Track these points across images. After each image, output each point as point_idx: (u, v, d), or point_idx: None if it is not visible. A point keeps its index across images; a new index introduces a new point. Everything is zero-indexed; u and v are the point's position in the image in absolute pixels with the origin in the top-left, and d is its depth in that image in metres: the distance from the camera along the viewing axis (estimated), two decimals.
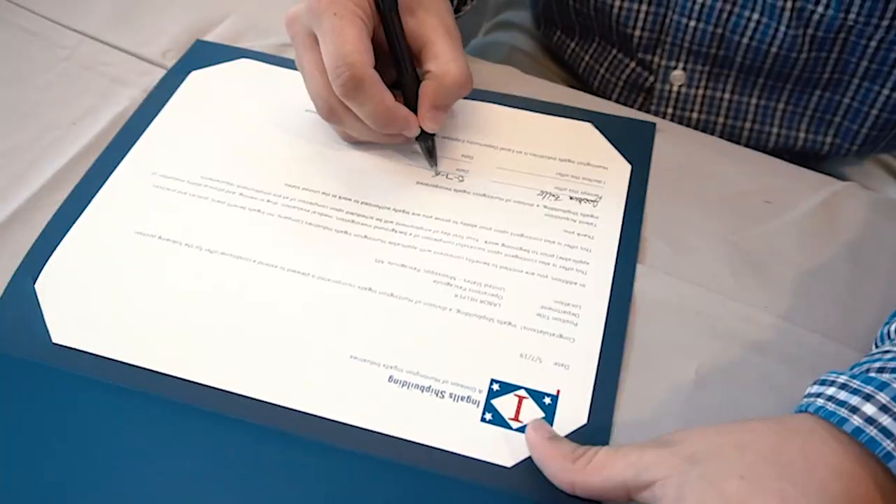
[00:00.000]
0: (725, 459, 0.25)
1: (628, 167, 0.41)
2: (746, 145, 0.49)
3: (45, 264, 0.36)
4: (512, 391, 0.32)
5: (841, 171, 0.58)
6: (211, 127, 0.43)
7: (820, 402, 0.26)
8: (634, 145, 0.42)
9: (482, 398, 0.32)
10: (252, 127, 0.43)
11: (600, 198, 0.39)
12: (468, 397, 0.32)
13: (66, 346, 0.33)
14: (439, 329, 0.34)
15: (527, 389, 0.32)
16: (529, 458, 0.30)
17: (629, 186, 0.40)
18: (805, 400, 0.27)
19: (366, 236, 0.38)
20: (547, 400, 0.32)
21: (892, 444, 0.24)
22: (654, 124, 0.43)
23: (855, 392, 0.26)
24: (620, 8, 0.52)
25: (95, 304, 0.35)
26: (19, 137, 0.43)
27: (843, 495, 0.24)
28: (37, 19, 0.50)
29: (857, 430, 0.25)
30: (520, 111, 0.44)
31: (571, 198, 0.39)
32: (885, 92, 0.48)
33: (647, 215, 0.38)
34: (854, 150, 0.53)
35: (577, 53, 0.60)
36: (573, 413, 0.32)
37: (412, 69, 0.39)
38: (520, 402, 0.32)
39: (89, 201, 0.39)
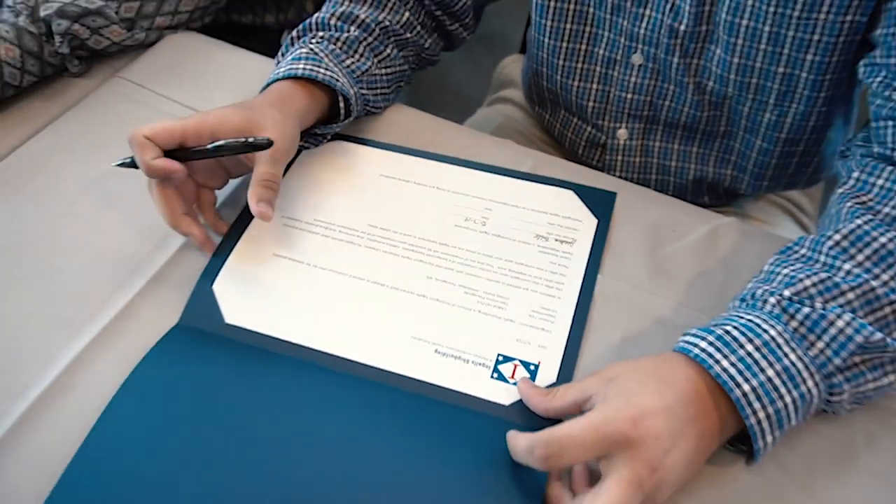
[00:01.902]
0: (628, 375, 0.45)
1: (595, 221, 0.60)
2: (673, 179, 0.74)
3: (218, 273, 0.57)
4: (510, 361, 0.52)
5: (745, 208, 0.79)
6: (317, 186, 0.64)
7: (680, 344, 0.46)
8: (601, 207, 0.61)
9: (492, 364, 0.52)
10: (343, 184, 0.64)
11: (575, 240, 0.59)
12: (483, 363, 0.52)
13: (232, 325, 0.54)
14: (467, 322, 0.54)
15: (520, 360, 0.52)
16: (520, 400, 0.49)
17: (595, 233, 0.59)
18: (676, 345, 0.47)
19: (420, 260, 0.58)
20: (532, 367, 0.52)
21: (712, 360, 0.43)
22: (615, 193, 0.63)
23: (697, 336, 0.45)
24: (578, 87, 0.73)
25: (249, 298, 0.56)
26: None
27: (690, 389, 0.43)
28: (157, 98, 0.72)
29: (696, 356, 0.44)
30: (525, 182, 0.64)
31: (556, 239, 0.59)
32: (759, 142, 0.69)
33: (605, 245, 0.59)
34: (749, 181, 0.73)
35: (552, 122, 0.82)
36: (547, 375, 0.51)
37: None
38: (515, 368, 0.52)
39: (243, 232, 0.60)
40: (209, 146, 0.55)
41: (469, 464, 0.46)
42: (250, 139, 0.55)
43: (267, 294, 0.56)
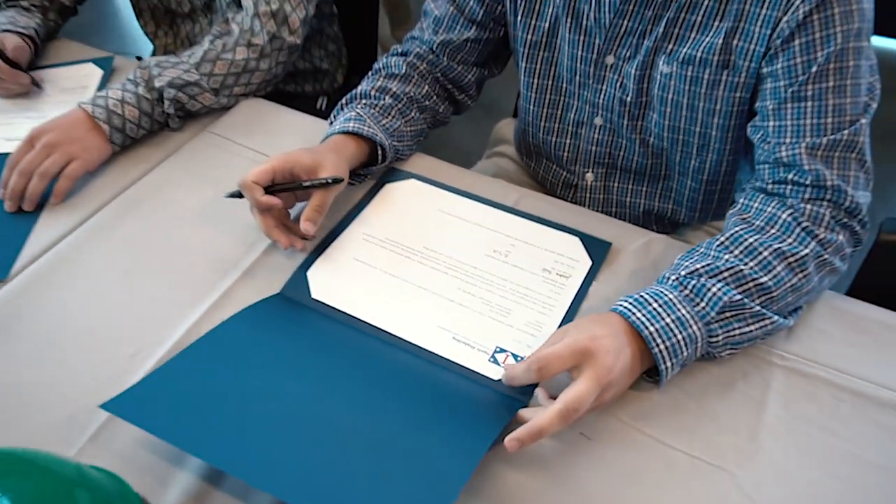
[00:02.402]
0: (583, 322, 0.67)
1: (590, 263, 0.80)
2: (628, 211, 0.98)
3: (311, 264, 0.79)
4: (504, 352, 0.72)
5: (686, 236, 1.01)
6: (390, 212, 0.86)
7: (613, 306, 0.67)
8: (597, 253, 0.81)
9: (491, 352, 0.72)
10: (409, 213, 0.85)
11: (571, 276, 0.79)
12: (485, 351, 0.72)
13: (316, 299, 0.76)
14: (479, 322, 0.74)
15: (511, 353, 0.72)
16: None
17: (588, 272, 0.79)
18: (611, 307, 0.68)
19: (456, 276, 0.78)
20: (519, 358, 0.71)
21: (629, 313, 0.65)
22: (610, 243, 0.82)
23: (624, 300, 0.67)
24: (555, 142, 0.98)
25: (330, 284, 0.77)
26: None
27: (621, 328, 0.65)
28: (235, 146, 0.96)
29: (620, 311, 0.66)
30: (544, 226, 0.84)
31: (557, 273, 0.79)
32: (689, 182, 0.92)
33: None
34: (685, 213, 0.97)
35: (536, 169, 1.05)
36: None
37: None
38: (506, 357, 0.72)
39: (334, 240, 0.82)
40: (303, 182, 0.79)
41: (467, 405, 0.67)
42: (329, 179, 0.78)
43: (342, 283, 0.78)
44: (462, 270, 0.80)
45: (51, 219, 0.86)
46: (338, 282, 0.78)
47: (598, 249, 0.82)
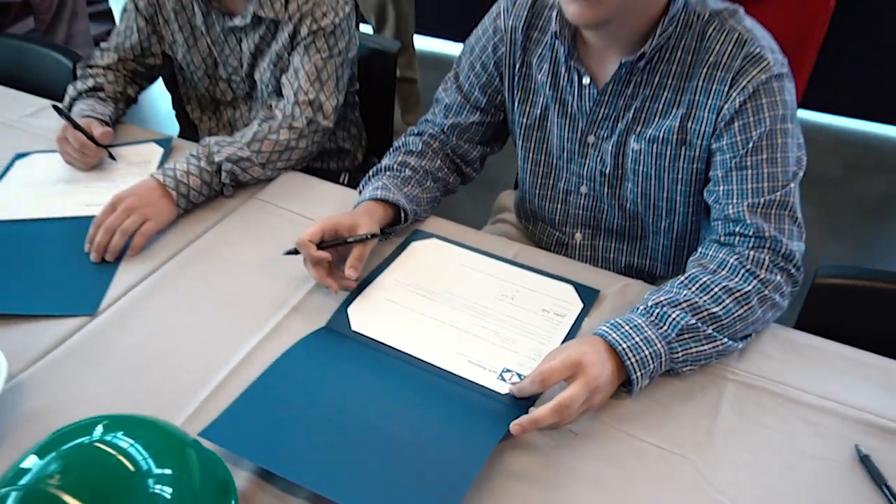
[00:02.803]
0: (570, 344, 0.83)
1: (581, 305, 0.97)
2: (612, 266, 1.14)
3: (351, 303, 0.96)
4: (510, 372, 0.88)
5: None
6: (417, 264, 1.03)
7: (597, 329, 0.84)
8: (588, 298, 0.98)
9: (499, 372, 0.88)
10: (433, 265, 1.03)
11: (565, 315, 0.95)
12: (494, 371, 0.88)
13: (356, 331, 0.92)
14: (490, 349, 0.90)
15: (515, 372, 0.88)
16: (508, 392, 0.85)
17: (579, 313, 0.96)
18: (598, 330, 0.85)
19: (472, 315, 0.95)
20: (522, 376, 0.87)
21: (607, 335, 0.82)
22: (599, 291, 1.00)
23: (603, 325, 0.84)
24: (549, 207, 1.16)
25: (367, 318, 0.93)
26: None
27: (601, 347, 0.81)
28: (280, 209, 1.14)
29: (599, 334, 0.83)
30: (544, 277, 1.02)
31: (555, 313, 0.96)
32: (662, 240, 1.10)
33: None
34: (660, 266, 1.14)
35: (533, 231, 1.23)
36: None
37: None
38: (512, 375, 0.88)
39: (369, 283, 0.99)
40: (347, 238, 0.97)
41: (480, 412, 0.82)
42: (367, 234, 0.97)
43: (377, 318, 0.95)
44: (476, 309, 0.97)
45: (129, 268, 1.04)
46: (373, 317, 0.95)
47: (588, 295, 0.99)
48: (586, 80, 1.02)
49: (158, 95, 2.78)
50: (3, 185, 1.22)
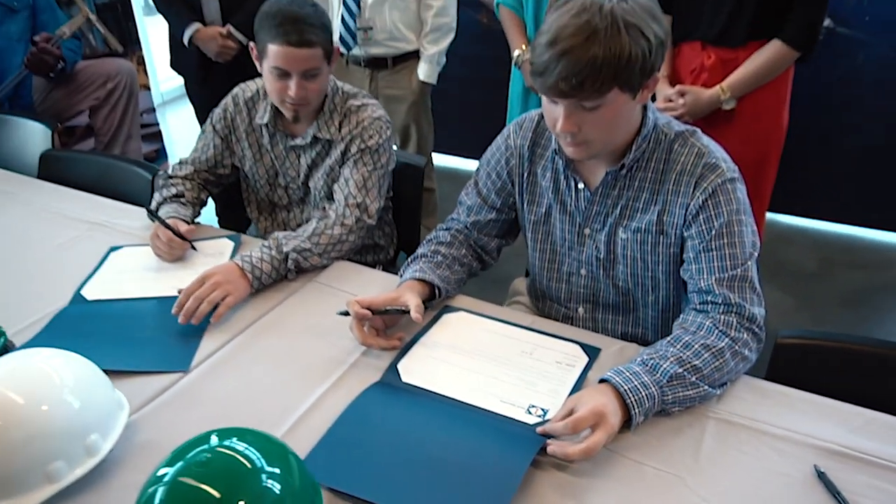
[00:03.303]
0: (587, 393, 1.03)
1: (587, 359, 1.19)
2: (610, 334, 1.33)
3: (400, 361, 1.17)
4: (535, 407, 1.08)
5: None
6: (450, 330, 1.25)
7: (604, 375, 1.05)
8: (592, 354, 1.20)
9: (526, 407, 1.08)
10: (461, 332, 1.25)
11: (574, 366, 1.16)
12: (522, 407, 1.08)
13: (407, 383, 1.13)
14: (518, 392, 1.10)
15: (540, 407, 1.08)
16: (535, 423, 1.04)
17: (585, 366, 1.17)
18: (604, 375, 1.06)
19: (502, 366, 1.15)
20: (543, 410, 1.07)
21: (612, 378, 1.03)
22: (600, 349, 1.21)
23: (609, 372, 1.04)
24: (555, 287, 1.39)
25: (413, 371, 1.14)
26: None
27: (611, 393, 1.01)
28: (335, 290, 1.37)
29: (606, 378, 1.03)
30: (556, 338, 1.23)
31: (566, 364, 1.17)
32: (650, 312, 1.31)
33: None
34: (651, 334, 1.35)
35: (542, 307, 1.46)
36: (551, 415, 1.08)
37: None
38: (537, 409, 1.08)
39: (412, 346, 1.21)
40: (388, 308, 1.20)
41: (513, 438, 1.01)
42: (406, 307, 1.20)
43: (423, 371, 1.15)
44: (502, 361, 1.18)
45: (213, 334, 1.26)
46: (419, 371, 1.16)
47: (592, 352, 1.21)
48: (581, 186, 1.28)
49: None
50: (103, 272, 1.46)
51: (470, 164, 3.48)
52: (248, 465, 0.79)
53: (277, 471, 0.80)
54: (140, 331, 1.27)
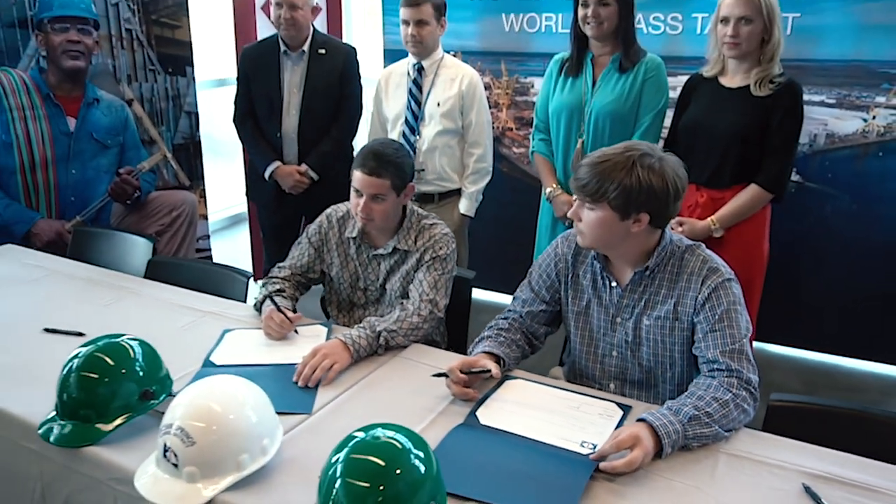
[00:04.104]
0: (626, 426, 1.37)
1: (621, 413, 1.52)
2: (637, 398, 1.67)
3: (479, 408, 1.51)
4: (587, 442, 1.41)
5: None
6: (513, 391, 1.60)
7: (640, 416, 1.38)
8: (625, 409, 1.53)
9: (580, 442, 1.40)
10: (522, 392, 1.59)
11: (612, 417, 1.49)
12: (577, 442, 1.40)
13: (483, 423, 1.46)
14: (573, 432, 1.43)
15: (591, 443, 1.41)
16: (589, 453, 1.37)
17: (620, 418, 1.50)
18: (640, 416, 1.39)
19: (556, 415, 1.49)
20: (594, 445, 1.39)
21: (647, 417, 1.36)
22: (631, 406, 1.55)
23: (645, 413, 1.38)
24: (591, 367, 1.74)
25: (490, 416, 1.47)
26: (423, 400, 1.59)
27: (648, 430, 1.34)
28: (414, 362, 1.72)
29: (642, 418, 1.36)
30: (596, 399, 1.58)
31: (607, 415, 1.50)
32: (668, 387, 1.66)
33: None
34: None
35: (578, 383, 1.79)
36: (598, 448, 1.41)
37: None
38: (588, 443, 1.40)
39: (485, 401, 1.54)
40: (474, 369, 1.55)
41: (571, 462, 1.33)
42: (487, 369, 1.55)
43: (496, 416, 1.48)
44: (556, 411, 1.51)
45: (327, 389, 1.59)
46: (493, 415, 1.49)
47: (625, 408, 1.54)
48: (613, 284, 1.67)
49: None
50: (223, 346, 1.81)
51: (497, 296, 3.82)
52: (400, 447, 1.11)
53: (421, 454, 1.12)
54: (266, 384, 1.61)
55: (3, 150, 3.32)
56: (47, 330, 1.89)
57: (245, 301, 2.19)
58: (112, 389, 1.37)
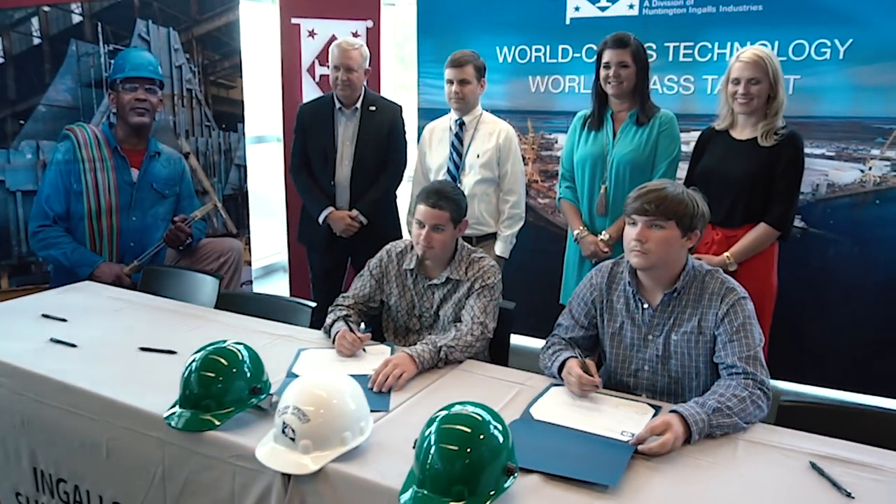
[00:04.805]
0: (659, 416, 1.61)
1: (652, 411, 1.77)
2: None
3: (531, 408, 1.75)
4: (626, 431, 1.65)
5: None
6: (561, 395, 1.85)
7: (672, 408, 1.63)
8: (656, 409, 1.79)
9: (619, 431, 1.65)
10: (565, 394, 1.85)
11: (647, 414, 1.75)
12: (617, 431, 1.65)
13: (537, 419, 1.70)
14: (614, 422, 1.68)
15: (630, 432, 1.65)
16: (627, 440, 1.62)
17: (652, 415, 1.76)
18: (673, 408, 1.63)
19: (599, 412, 1.75)
20: (632, 434, 1.64)
21: (679, 409, 1.61)
22: (661, 406, 1.81)
23: (677, 406, 1.63)
24: (625, 381, 1.99)
25: (541, 412, 1.73)
26: None
27: (679, 421, 1.59)
28: (471, 374, 1.97)
29: (675, 409, 1.61)
30: (635, 402, 1.83)
31: (641, 413, 1.75)
32: (694, 396, 1.88)
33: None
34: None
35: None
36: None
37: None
38: (627, 432, 1.64)
39: (535, 402, 1.79)
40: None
41: (614, 447, 1.57)
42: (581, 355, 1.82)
43: (547, 411, 1.73)
44: (598, 410, 1.76)
45: (396, 396, 1.85)
46: (545, 412, 1.75)
47: (655, 408, 1.79)
48: (645, 305, 1.94)
49: None
50: (300, 361, 2.08)
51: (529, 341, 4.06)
52: (482, 418, 1.37)
53: (499, 426, 1.38)
54: None
55: (74, 198, 3.67)
56: (142, 349, 2.16)
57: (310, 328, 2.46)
58: (226, 386, 1.63)
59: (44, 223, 3.50)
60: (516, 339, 4.32)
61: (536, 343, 2.13)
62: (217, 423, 1.60)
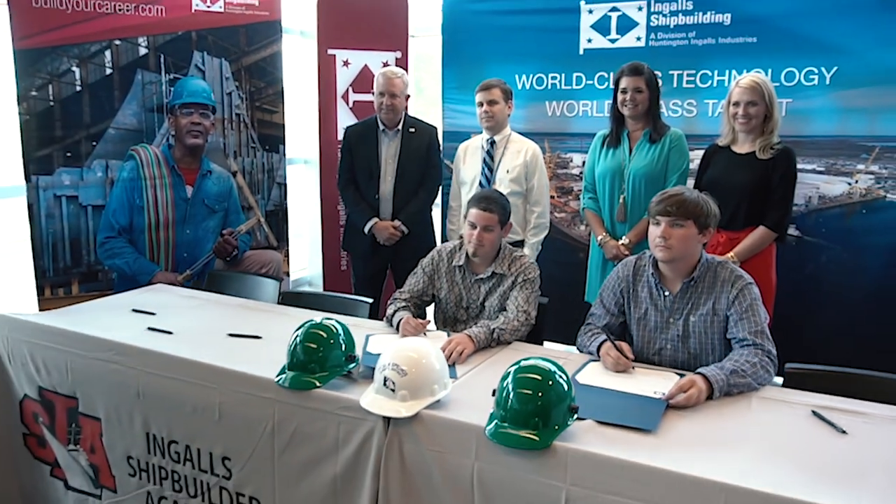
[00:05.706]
0: (688, 376, 1.96)
1: (677, 377, 2.11)
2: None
3: (577, 374, 2.09)
4: (657, 391, 1.99)
5: None
6: (600, 366, 2.20)
7: (696, 370, 1.97)
8: (681, 375, 2.14)
9: (652, 391, 1.99)
10: (601, 368, 2.20)
11: (673, 379, 2.10)
12: (651, 391, 1.99)
13: (582, 383, 2.04)
14: (648, 385, 2.03)
15: (661, 392, 1.98)
16: (660, 398, 1.96)
17: (677, 380, 2.12)
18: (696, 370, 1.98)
19: (634, 380, 2.10)
20: (663, 393, 1.99)
21: (702, 371, 1.96)
22: (684, 373, 2.14)
23: (701, 369, 1.97)
24: (650, 358, 2.33)
25: (585, 377, 2.07)
26: None
27: (701, 380, 1.94)
28: (515, 352, 2.32)
29: (699, 371, 1.96)
30: (656, 369, 2.19)
31: (668, 379, 2.09)
32: (712, 360, 2.24)
33: None
34: None
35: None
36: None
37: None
38: (658, 392, 1.97)
39: (582, 369, 2.14)
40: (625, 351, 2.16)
41: (650, 402, 1.90)
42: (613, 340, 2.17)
43: (590, 376, 2.07)
44: (633, 378, 2.11)
45: (460, 368, 2.19)
46: (588, 378, 2.09)
47: (681, 375, 2.12)
48: (666, 293, 2.29)
49: None
50: (371, 343, 2.41)
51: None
52: (549, 368, 1.72)
53: (564, 376, 1.72)
54: None
55: (137, 212, 4.02)
56: (231, 335, 2.49)
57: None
58: (326, 354, 1.97)
59: (110, 235, 3.83)
60: (535, 349, 4.69)
61: (555, 347, 2.49)
62: (318, 384, 1.94)
